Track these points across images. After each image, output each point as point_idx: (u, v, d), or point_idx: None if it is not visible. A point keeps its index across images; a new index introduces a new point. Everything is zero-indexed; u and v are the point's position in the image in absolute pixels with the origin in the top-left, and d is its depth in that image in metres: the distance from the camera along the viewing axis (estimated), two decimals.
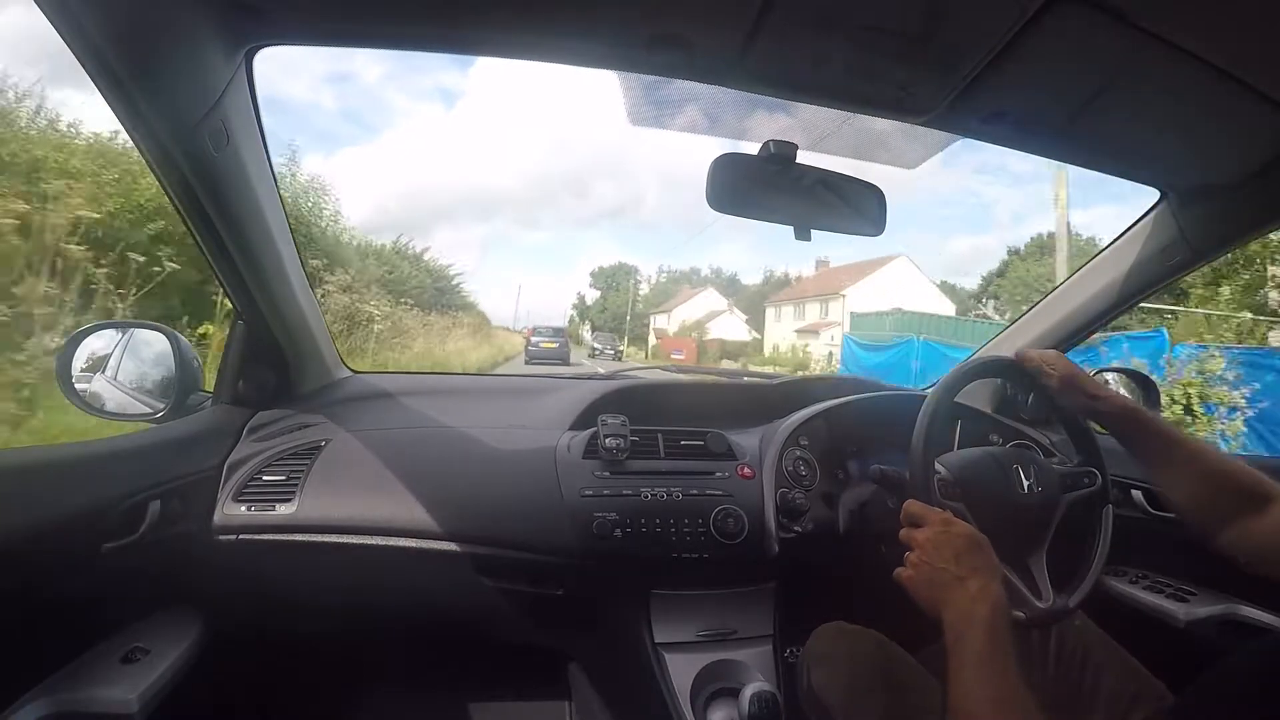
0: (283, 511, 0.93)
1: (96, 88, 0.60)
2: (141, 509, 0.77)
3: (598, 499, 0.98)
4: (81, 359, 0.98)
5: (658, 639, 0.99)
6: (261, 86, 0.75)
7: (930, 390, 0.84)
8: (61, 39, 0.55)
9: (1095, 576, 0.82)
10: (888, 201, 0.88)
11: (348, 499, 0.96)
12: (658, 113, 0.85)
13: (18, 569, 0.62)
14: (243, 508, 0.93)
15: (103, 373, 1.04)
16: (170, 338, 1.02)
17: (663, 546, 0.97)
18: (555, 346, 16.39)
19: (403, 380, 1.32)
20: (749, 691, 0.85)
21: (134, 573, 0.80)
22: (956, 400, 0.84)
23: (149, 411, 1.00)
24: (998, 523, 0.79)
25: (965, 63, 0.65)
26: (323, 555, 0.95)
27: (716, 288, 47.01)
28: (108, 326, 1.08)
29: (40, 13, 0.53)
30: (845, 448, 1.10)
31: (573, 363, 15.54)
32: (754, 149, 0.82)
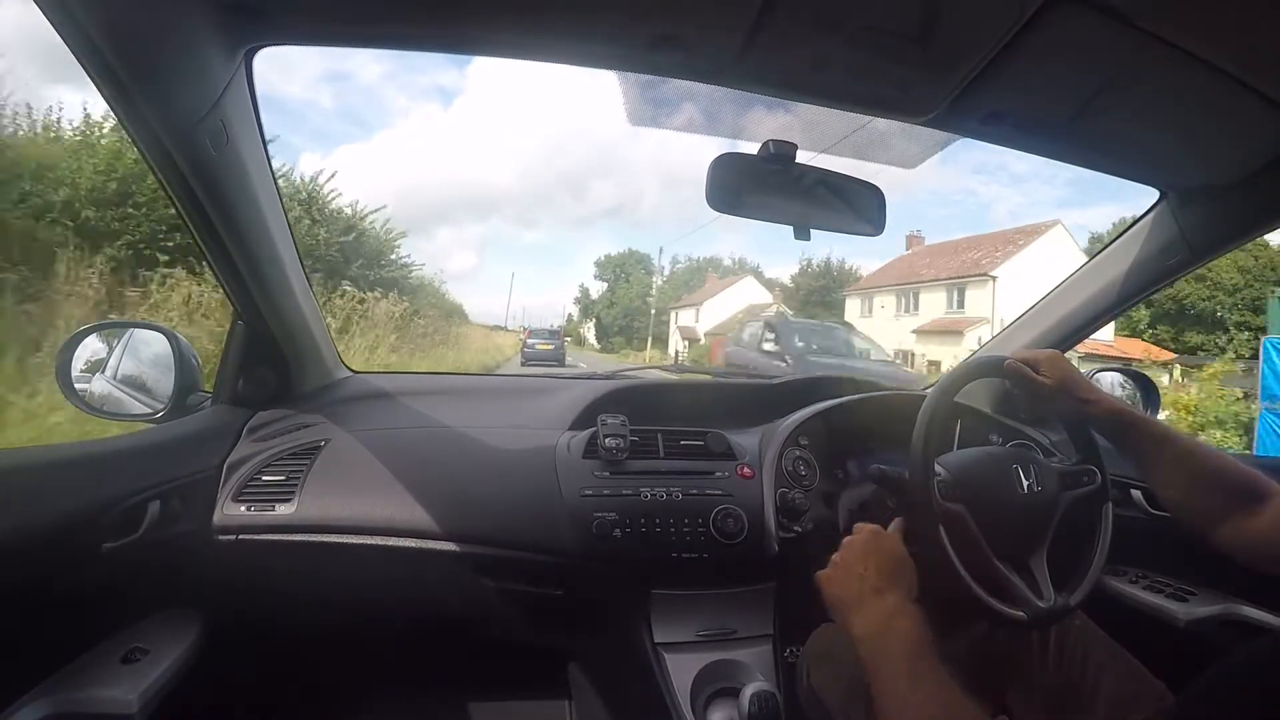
0: (282, 512, 0.93)
1: (96, 88, 0.60)
2: (141, 509, 0.77)
3: (597, 499, 0.98)
4: (81, 359, 0.98)
5: (658, 639, 0.99)
6: (259, 85, 0.75)
7: (930, 390, 0.84)
8: (61, 39, 0.55)
9: (1096, 575, 0.82)
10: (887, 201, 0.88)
11: (347, 499, 0.96)
12: (657, 112, 0.85)
13: (18, 569, 0.62)
14: (242, 508, 0.93)
15: (102, 373, 1.05)
16: (170, 338, 1.02)
17: (662, 546, 0.97)
18: (551, 349, 16.53)
19: (402, 380, 1.32)
20: (749, 691, 0.85)
21: (134, 573, 0.80)
22: (956, 400, 0.84)
23: (149, 412, 1.00)
24: (998, 523, 0.79)
25: (965, 63, 0.65)
26: (322, 555, 0.95)
27: (757, 277, 37.49)
28: (107, 326, 1.09)
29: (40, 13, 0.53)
30: (845, 448, 1.10)
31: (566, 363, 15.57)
32: (753, 149, 0.82)
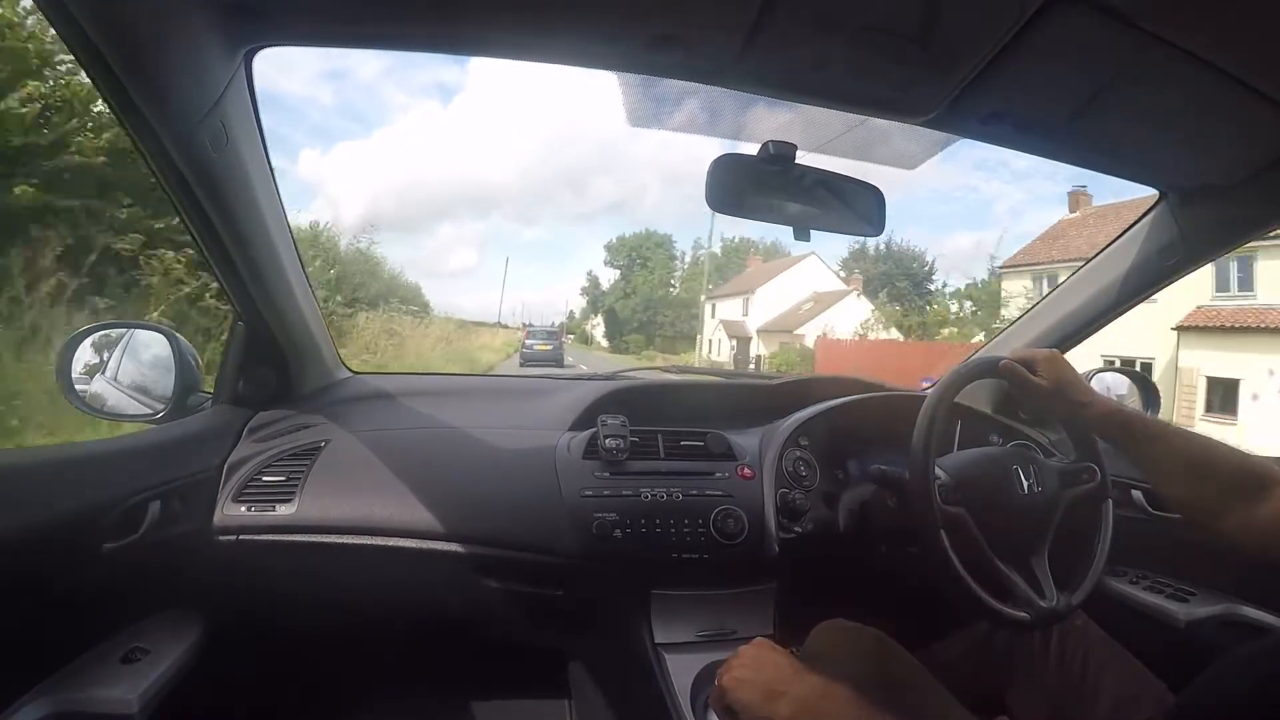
0: (283, 512, 0.93)
1: (96, 88, 0.61)
2: (141, 509, 0.77)
3: (597, 499, 0.98)
4: (81, 360, 0.98)
5: (658, 639, 0.99)
6: (259, 83, 0.75)
7: (930, 390, 0.84)
8: (61, 39, 0.56)
9: (1098, 573, 0.82)
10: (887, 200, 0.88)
11: (348, 499, 0.96)
12: (657, 113, 0.85)
13: (18, 569, 0.62)
14: (243, 508, 0.93)
15: (102, 373, 1.05)
16: (170, 338, 1.02)
17: (662, 547, 0.97)
18: (550, 349, 16.53)
19: (403, 381, 1.32)
20: None
21: (134, 573, 0.80)
22: (956, 400, 0.84)
23: (149, 412, 1.00)
24: (1000, 524, 0.79)
25: (965, 63, 0.65)
26: (322, 556, 0.95)
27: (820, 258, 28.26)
28: (107, 327, 1.09)
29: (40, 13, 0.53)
30: (845, 448, 1.10)
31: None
32: (753, 149, 0.82)
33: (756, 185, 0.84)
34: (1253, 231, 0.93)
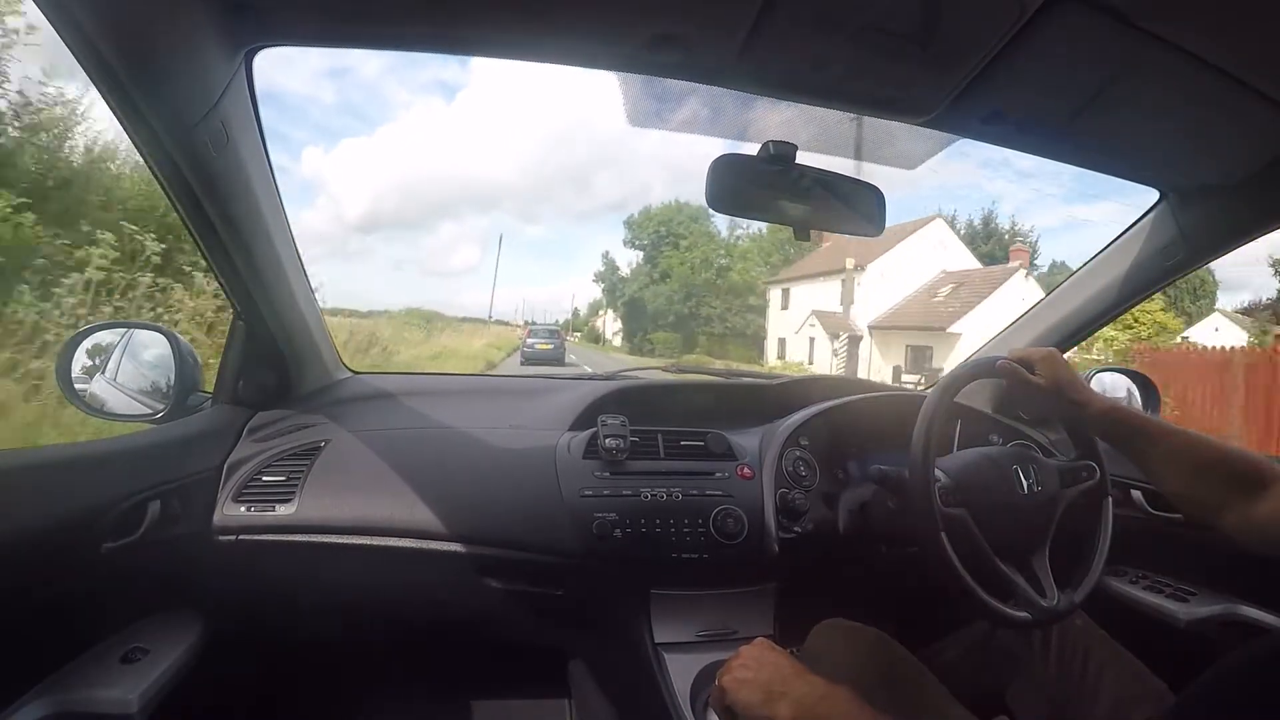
0: (283, 512, 0.93)
1: (96, 88, 0.61)
2: (141, 509, 0.77)
3: (598, 499, 0.98)
4: (81, 360, 0.98)
5: (658, 639, 0.99)
6: (259, 80, 0.75)
7: (930, 390, 0.84)
8: (61, 39, 0.55)
9: (1098, 571, 0.82)
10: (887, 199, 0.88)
11: (348, 499, 0.96)
12: (658, 112, 0.85)
13: (18, 569, 0.62)
14: (242, 508, 0.93)
15: (102, 373, 1.04)
16: (170, 338, 1.02)
17: (662, 547, 0.97)
18: (550, 349, 16.60)
19: (402, 381, 1.32)
20: None
21: (134, 573, 0.80)
22: (956, 400, 0.84)
23: (149, 412, 1.00)
24: (1000, 525, 0.79)
25: (965, 63, 0.65)
26: (322, 556, 0.95)
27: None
28: (107, 327, 1.08)
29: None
30: (845, 448, 1.10)
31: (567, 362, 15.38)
32: (754, 148, 0.81)
33: (757, 185, 0.84)
34: (1253, 231, 0.93)
